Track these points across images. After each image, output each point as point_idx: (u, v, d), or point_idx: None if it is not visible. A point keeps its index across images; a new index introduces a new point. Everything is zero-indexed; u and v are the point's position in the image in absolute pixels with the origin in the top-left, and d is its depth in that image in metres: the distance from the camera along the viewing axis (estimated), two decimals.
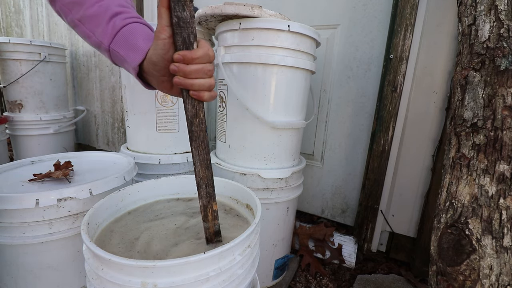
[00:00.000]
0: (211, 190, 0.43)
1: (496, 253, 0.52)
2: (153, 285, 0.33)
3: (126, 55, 0.42)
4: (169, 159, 0.91)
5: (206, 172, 0.42)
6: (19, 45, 1.36)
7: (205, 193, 0.43)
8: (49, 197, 0.54)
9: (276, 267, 0.87)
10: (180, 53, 0.37)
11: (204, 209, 0.43)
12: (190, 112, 0.39)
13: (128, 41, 0.42)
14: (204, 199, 0.43)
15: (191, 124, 0.40)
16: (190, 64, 0.37)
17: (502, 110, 0.54)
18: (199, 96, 0.39)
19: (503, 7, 0.56)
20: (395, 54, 0.89)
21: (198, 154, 0.41)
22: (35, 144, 1.49)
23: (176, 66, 0.37)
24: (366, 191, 1.02)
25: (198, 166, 0.41)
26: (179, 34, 0.37)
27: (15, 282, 0.58)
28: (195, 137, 0.40)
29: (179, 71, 0.37)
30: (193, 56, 0.37)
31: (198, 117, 0.40)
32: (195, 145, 0.40)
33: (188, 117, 0.39)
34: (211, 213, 0.44)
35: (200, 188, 0.42)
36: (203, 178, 0.42)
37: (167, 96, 0.87)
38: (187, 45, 0.37)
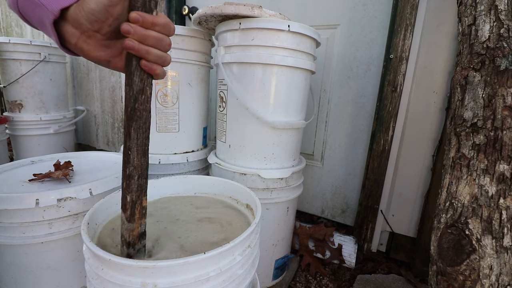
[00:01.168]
0: (144, 182, 0.36)
1: (496, 253, 0.52)
2: (153, 285, 0.33)
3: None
4: (169, 159, 0.91)
5: (142, 160, 0.35)
6: (19, 45, 1.36)
7: (136, 186, 0.36)
8: (49, 197, 0.54)
9: (276, 267, 0.87)
10: (140, 13, 0.32)
11: (132, 206, 0.36)
12: (136, 86, 0.33)
13: None
14: (133, 194, 0.36)
15: (135, 100, 0.34)
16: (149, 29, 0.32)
17: (502, 110, 0.54)
18: (152, 68, 0.34)
19: (503, 7, 0.56)
20: (395, 54, 0.89)
21: (137, 137, 0.34)
22: (35, 144, 1.49)
23: (132, 26, 0.32)
24: (366, 191, 1.02)
25: (134, 153, 0.35)
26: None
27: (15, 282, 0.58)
28: (137, 116, 0.34)
29: (135, 34, 0.32)
30: (154, 20, 0.32)
31: (145, 94, 0.34)
32: (136, 126, 0.34)
33: (133, 92, 0.33)
34: (139, 210, 0.37)
35: (131, 180, 0.35)
36: (137, 167, 0.35)
37: (167, 96, 0.87)
38: (147, 9, 0.32)
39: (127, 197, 0.36)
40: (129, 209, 0.36)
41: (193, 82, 0.91)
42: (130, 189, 0.36)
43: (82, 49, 0.35)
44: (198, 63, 0.90)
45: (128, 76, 0.34)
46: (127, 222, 0.37)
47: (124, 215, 0.37)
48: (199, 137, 1.00)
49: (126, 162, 0.35)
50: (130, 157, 0.35)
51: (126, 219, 0.37)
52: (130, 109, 0.34)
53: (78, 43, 0.34)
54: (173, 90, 0.88)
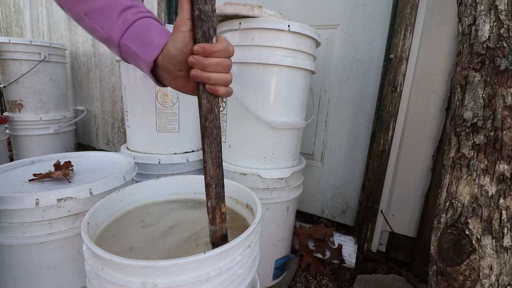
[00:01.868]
0: (221, 191, 0.41)
1: (496, 253, 0.52)
2: (153, 285, 0.33)
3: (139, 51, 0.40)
4: (169, 159, 0.91)
5: (217, 171, 0.40)
6: (19, 45, 1.36)
7: (214, 193, 0.40)
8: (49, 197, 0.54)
9: (276, 267, 0.87)
10: (200, 45, 0.36)
11: (213, 211, 0.41)
12: (205, 107, 0.38)
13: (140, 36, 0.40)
14: (213, 200, 0.40)
15: (206, 119, 0.38)
16: (209, 57, 0.37)
17: (502, 110, 0.54)
18: (215, 90, 0.38)
19: (503, 7, 0.56)
20: (395, 54, 0.89)
21: (211, 151, 0.39)
22: (35, 144, 1.49)
23: (195, 58, 0.36)
24: (366, 191, 1.02)
25: (209, 164, 0.39)
26: (200, 27, 0.36)
27: (15, 282, 0.58)
28: (208, 133, 0.38)
29: (198, 64, 0.37)
30: (212, 49, 0.36)
31: (213, 113, 0.38)
32: (208, 142, 0.38)
33: (203, 112, 0.38)
34: (219, 215, 0.41)
35: (210, 188, 0.40)
36: (214, 177, 0.40)
37: (167, 96, 0.87)
38: (207, 38, 0.36)
39: (208, 203, 0.41)
40: (211, 213, 0.41)
41: None
42: (210, 196, 0.40)
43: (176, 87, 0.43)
44: None
45: (198, 99, 0.38)
46: (210, 225, 0.42)
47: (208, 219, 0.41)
48: (199, 137, 1.00)
49: (204, 173, 0.40)
50: (207, 169, 0.39)
51: (210, 222, 0.42)
52: (203, 127, 0.38)
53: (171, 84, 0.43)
54: (173, 90, 0.87)
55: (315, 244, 1.07)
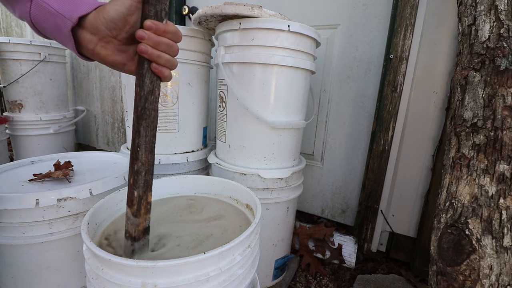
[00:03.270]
0: (150, 178, 0.38)
1: (496, 253, 0.52)
2: (153, 285, 0.33)
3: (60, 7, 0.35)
4: (169, 159, 0.91)
5: (149, 156, 0.37)
6: (19, 45, 1.36)
7: (143, 181, 0.37)
8: (49, 197, 0.54)
9: (276, 267, 0.87)
10: (154, 21, 0.35)
11: (139, 201, 0.37)
12: (147, 87, 0.36)
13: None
14: (140, 189, 0.37)
15: (146, 100, 0.36)
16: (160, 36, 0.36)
17: (502, 110, 0.54)
18: (161, 71, 0.37)
19: (503, 7, 0.56)
20: (395, 54, 0.89)
21: (146, 135, 0.37)
22: (35, 144, 1.49)
23: (146, 33, 0.35)
24: (366, 191, 1.02)
25: (142, 149, 0.36)
26: (153, 5, 0.35)
27: (15, 282, 0.58)
28: (146, 115, 0.36)
29: (149, 39, 0.35)
30: (166, 28, 0.36)
31: (154, 95, 0.37)
32: (145, 124, 0.36)
33: (144, 93, 0.36)
34: (144, 205, 0.38)
35: (139, 176, 0.37)
36: (145, 163, 0.37)
37: (167, 96, 0.87)
38: (158, 18, 0.36)
39: (134, 193, 0.37)
40: (136, 204, 0.37)
41: (193, 82, 0.91)
42: (137, 185, 0.37)
43: (99, 54, 0.38)
44: (198, 63, 0.90)
45: (139, 78, 0.36)
46: (133, 217, 0.38)
47: (130, 210, 0.38)
48: (199, 137, 1.00)
49: (134, 159, 0.37)
50: (139, 154, 0.37)
51: (132, 214, 0.38)
52: (141, 108, 0.36)
53: (96, 49, 0.37)
54: (173, 90, 0.88)
55: (315, 244, 1.07)
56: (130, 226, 0.38)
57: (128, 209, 0.38)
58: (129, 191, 0.38)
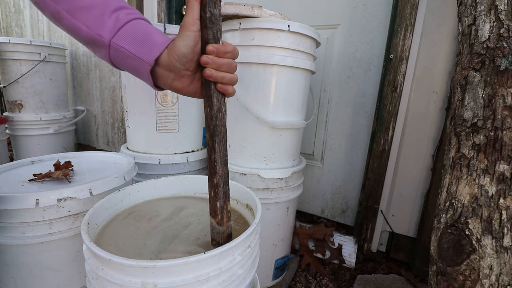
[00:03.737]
0: (227, 189, 0.41)
1: (496, 253, 0.52)
2: (153, 285, 0.33)
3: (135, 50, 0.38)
4: (169, 159, 0.91)
5: (224, 169, 0.40)
6: (19, 45, 1.36)
7: (222, 192, 0.40)
8: (49, 197, 0.54)
9: (276, 267, 0.87)
10: (214, 45, 0.37)
11: (221, 211, 0.40)
12: (215, 106, 0.38)
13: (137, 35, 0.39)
14: (221, 200, 0.40)
15: (216, 118, 0.38)
16: (222, 57, 0.38)
17: (502, 110, 0.54)
18: (226, 89, 0.39)
19: (503, 7, 0.56)
20: (395, 54, 0.89)
21: (220, 150, 0.39)
22: (35, 144, 1.49)
23: (210, 58, 0.37)
24: (366, 191, 1.02)
25: (218, 164, 0.39)
26: (210, 29, 0.37)
27: (15, 282, 0.58)
28: (218, 132, 0.38)
29: (212, 63, 0.37)
30: (225, 49, 0.38)
31: (221, 112, 0.39)
32: (218, 140, 0.38)
33: (214, 112, 0.38)
34: (226, 214, 0.40)
35: (219, 188, 0.39)
36: (222, 176, 0.39)
37: (167, 96, 0.87)
38: (216, 40, 0.38)
39: (217, 204, 0.40)
40: (219, 214, 0.40)
41: None
42: (218, 197, 0.39)
43: (176, 87, 0.41)
44: None
45: (208, 99, 0.39)
46: (218, 226, 0.40)
47: (214, 220, 0.40)
48: (199, 137, 1.00)
49: (213, 173, 0.39)
50: (216, 168, 0.39)
51: (217, 223, 0.40)
52: (213, 126, 0.38)
53: (173, 84, 0.41)
54: None
55: (315, 244, 1.07)
56: (216, 235, 0.41)
57: (213, 219, 0.40)
58: (211, 203, 0.40)
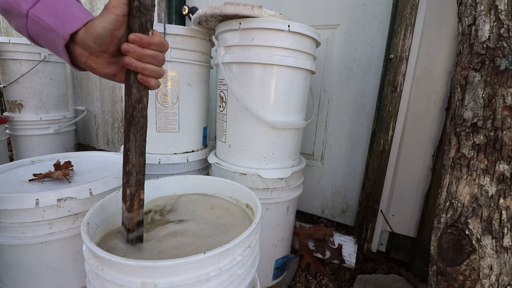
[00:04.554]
0: (142, 178, 0.42)
1: (496, 253, 0.52)
2: (153, 285, 0.33)
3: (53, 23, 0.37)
4: (169, 159, 0.91)
5: (139, 159, 0.41)
6: (19, 45, 1.36)
7: (135, 181, 0.41)
8: (49, 197, 0.54)
9: (276, 267, 0.87)
10: (138, 35, 0.36)
11: (131, 198, 0.42)
12: (134, 97, 0.39)
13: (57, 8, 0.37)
14: (132, 188, 0.42)
15: (133, 109, 0.39)
16: (145, 48, 0.37)
17: (502, 110, 0.54)
18: (147, 81, 0.38)
19: (503, 7, 0.56)
20: (395, 54, 0.89)
21: (135, 140, 0.40)
22: (35, 144, 1.49)
23: (131, 46, 0.37)
24: (366, 191, 1.02)
25: (132, 153, 0.40)
26: (137, 18, 0.36)
27: (15, 282, 0.58)
28: (135, 122, 0.39)
29: (134, 52, 0.37)
30: (150, 41, 0.37)
31: (142, 103, 0.40)
32: (134, 130, 0.40)
33: (132, 102, 0.39)
34: (137, 202, 0.43)
35: (131, 176, 0.41)
36: (136, 165, 0.41)
37: (167, 96, 0.87)
38: (143, 30, 0.37)
39: (127, 191, 0.42)
40: (128, 201, 0.42)
41: (193, 82, 0.91)
42: (130, 184, 0.41)
43: (91, 67, 0.40)
44: (198, 63, 0.90)
45: (127, 88, 0.39)
46: (127, 212, 0.42)
47: (124, 206, 0.42)
48: (199, 137, 1.00)
49: (126, 161, 0.41)
50: (129, 157, 0.40)
51: (126, 209, 0.42)
52: (129, 116, 0.39)
53: (87, 62, 0.40)
54: (173, 90, 0.88)
55: (315, 244, 1.07)
56: (125, 219, 0.43)
57: (123, 204, 0.42)
58: (123, 189, 0.42)
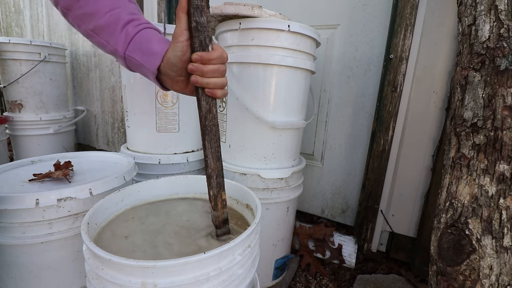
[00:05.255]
0: (221, 181, 0.46)
1: (496, 253, 0.52)
2: (153, 285, 0.33)
3: (143, 61, 0.44)
4: (169, 159, 0.91)
5: (217, 163, 0.45)
6: (19, 45, 1.36)
7: (215, 183, 0.46)
8: (49, 197, 0.54)
9: (276, 267, 0.87)
10: (198, 53, 0.40)
11: (214, 199, 0.46)
12: (204, 108, 0.43)
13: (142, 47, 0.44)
14: (214, 189, 0.46)
15: (205, 119, 0.43)
16: (206, 64, 0.41)
17: (502, 110, 0.54)
18: (213, 93, 0.42)
19: (503, 7, 0.56)
20: (395, 54, 0.89)
21: (211, 147, 0.44)
22: (35, 144, 1.49)
23: (195, 66, 0.41)
24: (366, 191, 1.02)
25: (210, 158, 0.44)
26: (197, 37, 0.40)
27: (15, 282, 0.58)
28: (208, 131, 0.43)
29: (197, 71, 0.41)
30: (209, 57, 0.41)
31: (211, 113, 0.43)
32: (208, 138, 0.44)
33: (203, 113, 0.43)
34: (220, 202, 0.46)
35: (211, 179, 0.45)
36: (214, 169, 0.45)
37: (167, 96, 0.87)
38: (203, 47, 0.41)
39: (210, 192, 0.46)
40: (213, 201, 0.46)
41: None
42: (212, 186, 0.46)
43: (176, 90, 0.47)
44: None
45: (198, 101, 0.43)
46: (213, 211, 0.47)
47: (211, 205, 0.47)
48: (199, 137, 1.00)
49: (206, 166, 0.45)
50: (208, 162, 0.45)
51: (212, 208, 0.47)
52: (203, 126, 0.43)
53: (172, 87, 0.47)
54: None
55: (315, 244, 1.07)
56: (213, 218, 0.47)
57: (209, 204, 0.47)
58: (208, 191, 0.46)
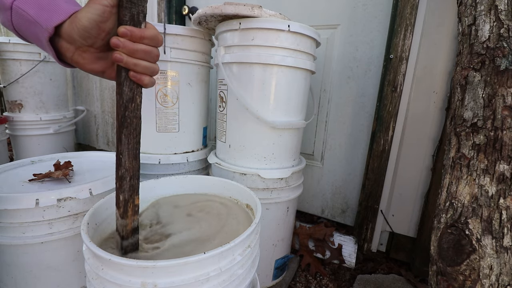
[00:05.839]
0: (136, 183, 0.39)
1: (496, 253, 0.52)
2: (153, 285, 0.33)
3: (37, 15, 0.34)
4: (169, 159, 0.91)
5: (133, 163, 0.38)
6: (19, 45, 1.36)
7: (128, 186, 0.39)
8: (49, 197, 0.54)
9: (276, 267, 0.87)
10: (128, 27, 0.33)
11: (125, 204, 0.39)
12: (126, 96, 0.36)
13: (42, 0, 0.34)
14: (126, 193, 0.39)
15: (125, 109, 0.36)
16: (137, 42, 0.34)
17: (502, 110, 0.54)
18: (140, 79, 0.35)
19: (503, 7, 0.56)
20: (395, 54, 0.89)
21: (128, 142, 0.37)
22: (35, 144, 1.49)
23: (121, 40, 0.33)
24: (366, 191, 1.02)
25: (125, 156, 0.37)
26: (128, 9, 0.33)
27: (15, 282, 0.58)
28: (127, 123, 0.36)
29: (124, 47, 0.33)
30: (142, 34, 0.34)
31: (135, 102, 0.37)
32: (126, 132, 0.37)
33: (123, 101, 0.36)
34: (131, 208, 0.40)
35: (124, 181, 0.38)
36: (129, 169, 0.38)
37: (167, 96, 0.87)
38: (135, 23, 0.34)
39: (120, 196, 0.39)
40: (122, 207, 0.39)
41: (193, 82, 0.91)
42: (123, 189, 0.38)
43: (78, 63, 0.37)
44: (198, 63, 0.90)
45: (118, 86, 0.36)
46: (121, 219, 0.40)
47: (118, 212, 0.39)
48: (199, 137, 1.00)
49: (118, 165, 0.38)
50: (122, 161, 0.37)
51: (120, 216, 0.40)
52: (121, 116, 0.36)
53: (73, 57, 0.36)
54: (173, 90, 0.88)
55: (315, 244, 1.07)
56: (119, 226, 0.40)
57: (117, 210, 0.40)
58: (116, 194, 0.39)
